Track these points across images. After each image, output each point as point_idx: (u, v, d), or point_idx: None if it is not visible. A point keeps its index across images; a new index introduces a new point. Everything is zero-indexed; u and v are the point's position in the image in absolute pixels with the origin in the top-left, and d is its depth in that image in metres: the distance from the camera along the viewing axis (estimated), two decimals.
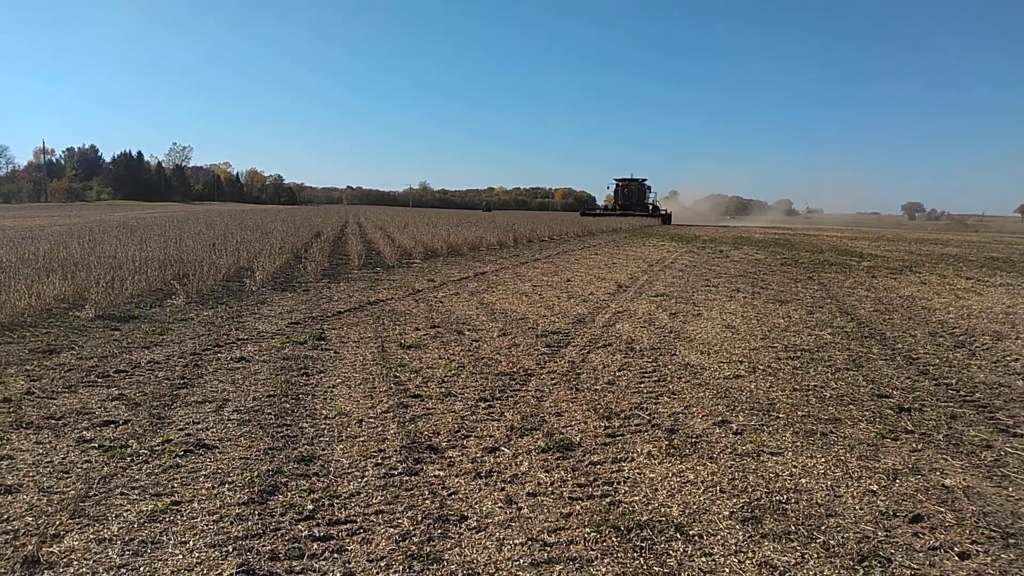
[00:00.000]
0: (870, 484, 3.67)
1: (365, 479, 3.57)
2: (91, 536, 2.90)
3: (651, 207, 59.60)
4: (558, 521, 3.18)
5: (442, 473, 3.69)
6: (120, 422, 4.27)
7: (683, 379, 5.66)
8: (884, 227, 74.50)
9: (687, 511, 3.31)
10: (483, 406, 4.83)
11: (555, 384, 5.42)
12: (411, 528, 3.06)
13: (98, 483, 3.41)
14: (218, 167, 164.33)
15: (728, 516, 3.26)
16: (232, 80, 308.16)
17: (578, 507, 3.32)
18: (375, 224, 33.72)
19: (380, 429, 4.31)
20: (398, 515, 3.18)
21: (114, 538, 2.89)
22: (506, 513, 3.25)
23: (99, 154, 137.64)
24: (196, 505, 3.22)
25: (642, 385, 5.45)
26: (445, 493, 3.44)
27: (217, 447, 3.93)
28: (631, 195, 61.15)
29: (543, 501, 3.39)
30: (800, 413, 4.84)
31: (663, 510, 3.32)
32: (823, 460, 3.98)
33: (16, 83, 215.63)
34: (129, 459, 3.71)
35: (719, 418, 4.68)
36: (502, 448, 4.06)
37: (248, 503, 3.24)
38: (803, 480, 3.70)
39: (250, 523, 3.05)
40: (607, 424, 4.50)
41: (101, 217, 35.65)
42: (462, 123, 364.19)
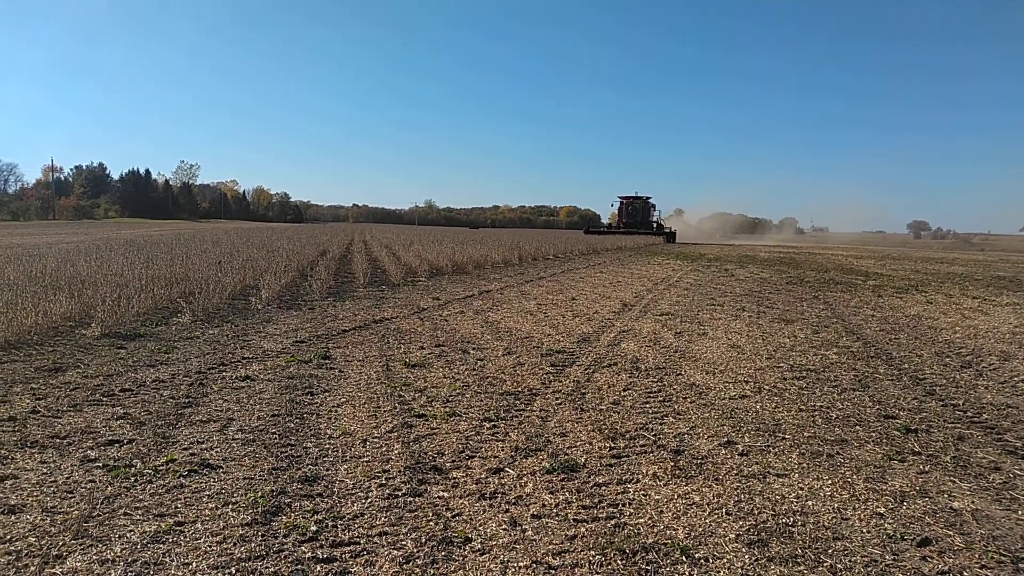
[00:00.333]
0: (877, 507, 3.64)
1: (369, 500, 3.56)
2: (94, 557, 2.89)
3: (655, 225, 59.63)
4: (563, 543, 3.16)
5: (446, 494, 3.67)
6: (124, 441, 4.27)
7: (688, 399, 5.64)
8: (890, 245, 74.39)
9: (693, 534, 3.29)
10: (488, 426, 4.82)
11: (560, 404, 5.41)
12: (415, 550, 3.05)
13: (102, 503, 3.40)
14: (225, 185, 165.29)
15: (734, 539, 3.24)
16: (239, 99, 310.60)
17: (583, 529, 3.31)
18: (380, 242, 33.84)
19: (384, 449, 4.30)
20: (402, 537, 3.17)
21: (117, 559, 2.88)
22: (510, 535, 3.23)
23: (107, 172, 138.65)
24: (200, 526, 3.21)
25: (647, 405, 5.44)
26: (449, 515, 3.43)
27: (221, 467, 3.93)
28: (635, 213, 61.19)
29: (548, 523, 3.37)
30: (806, 434, 4.81)
31: (668, 532, 3.30)
32: (830, 482, 3.96)
33: (25, 101, 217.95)
34: (133, 479, 3.71)
35: (725, 439, 4.66)
36: (507, 469, 4.05)
37: (252, 524, 3.24)
38: (810, 502, 3.68)
39: (253, 544, 3.04)
40: (612, 445, 4.49)
41: (108, 235, 35.86)
42: (468, 141, 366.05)
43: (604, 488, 3.81)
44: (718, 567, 2.99)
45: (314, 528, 3.22)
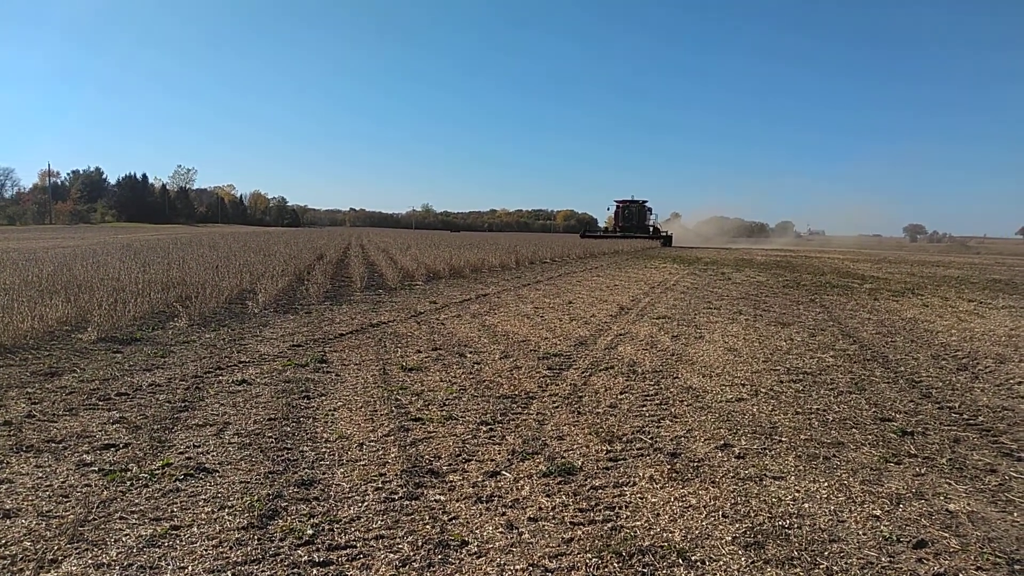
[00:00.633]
0: (873, 509, 3.65)
1: (365, 503, 3.56)
2: (90, 561, 2.88)
3: (652, 229, 59.55)
4: (559, 546, 3.16)
5: (443, 497, 3.67)
6: (120, 445, 4.26)
7: (685, 402, 5.64)
8: (886, 249, 74.52)
9: (689, 536, 3.29)
10: (484, 429, 4.82)
11: (557, 407, 5.41)
12: (411, 553, 3.04)
13: (97, 507, 3.40)
14: (222, 189, 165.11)
15: (731, 541, 3.24)
16: (236, 103, 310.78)
17: (579, 532, 3.30)
18: (378, 246, 33.84)
19: (381, 453, 4.30)
20: (398, 540, 3.17)
21: (113, 563, 2.87)
22: (507, 538, 3.23)
23: (104, 176, 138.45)
24: (196, 530, 3.20)
25: (644, 408, 5.44)
26: (446, 518, 3.43)
27: (217, 471, 3.92)
28: (631, 217, 61.10)
29: (544, 526, 3.37)
30: (803, 437, 4.82)
31: (665, 535, 3.30)
32: (826, 484, 3.96)
33: (22, 106, 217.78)
34: (129, 483, 3.70)
35: (721, 442, 4.66)
36: (503, 472, 4.05)
37: (248, 528, 3.23)
38: (806, 505, 3.68)
39: (250, 548, 3.04)
40: (609, 448, 4.49)
41: (105, 239, 35.81)
42: (465, 146, 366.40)
43: (601, 491, 3.81)
44: (715, 569, 2.99)
45: (310, 532, 3.21)
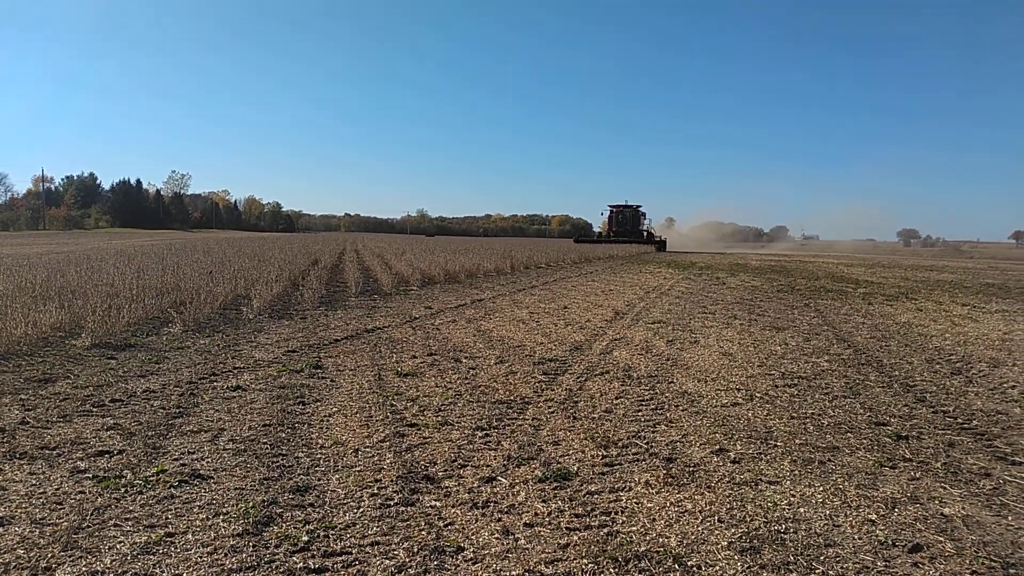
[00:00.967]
0: (869, 513, 3.65)
1: (361, 510, 3.55)
2: (84, 569, 2.87)
3: (646, 234, 59.60)
4: (555, 552, 3.15)
5: (439, 503, 3.66)
6: (115, 452, 4.24)
7: (680, 407, 5.65)
8: (880, 253, 74.78)
9: (685, 541, 3.29)
10: (480, 435, 4.81)
11: (552, 412, 5.40)
12: (407, 560, 3.03)
13: (91, 514, 3.38)
14: (216, 195, 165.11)
15: (727, 546, 3.24)
16: (230, 109, 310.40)
17: (575, 537, 3.30)
18: (372, 251, 33.80)
19: (376, 459, 4.29)
20: (394, 546, 3.16)
21: (107, 571, 2.86)
22: (503, 544, 3.22)
23: (98, 182, 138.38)
24: (190, 536, 3.19)
25: (639, 413, 5.44)
26: (442, 524, 3.42)
27: (212, 477, 3.91)
28: (625, 222, 61.12)
29: (540, 532, 3.37)
30: (798, 441, 4.82)
31: (661, 540, 3.29)
32: (821, 489, 3.97)
33: (16, 111, 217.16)
34: (123, 490, 3.68)
35: (717, 447, 4.66)
36: (499, 478, 4.04)
37: (243, 534, 3.22)
38: (801, 509, 3.68)
39: (244, 555, 3.03)
40: (604, 453, 4.49)
41: (99, 245, 35.71)
42: (460, 151, 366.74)
43: (597, 496, 3.81)
44: (711, 574, 2.98)
45: (306, 538, 3.20)
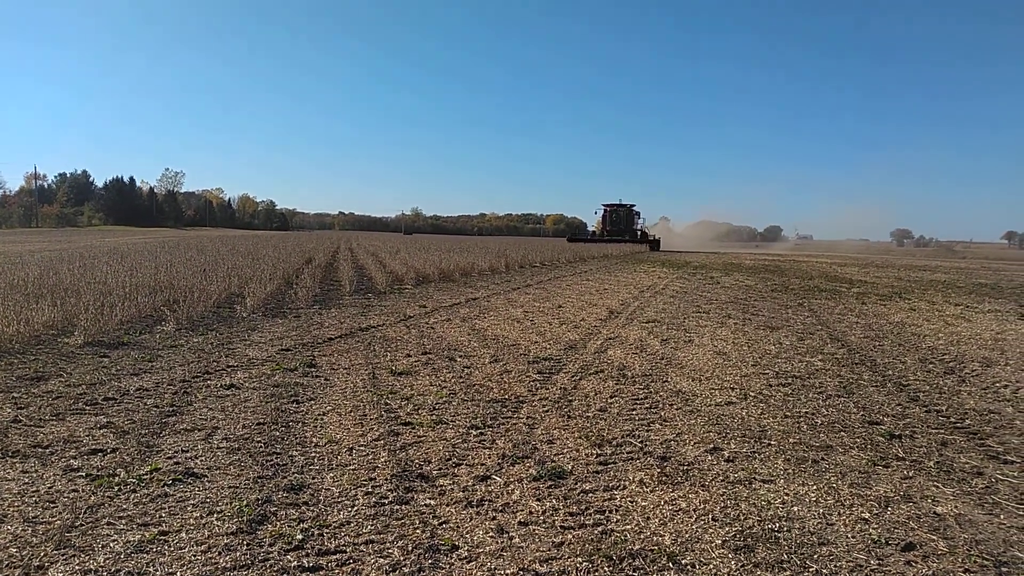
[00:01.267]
0: (862, 512, 3.66)
1: (355, 508, 3.54)
2: (76, 567, 2.86)
3: (640, 233, 59.51)
4: (550, 550, 3.15)
5: (433, 502, 3.66)
6: (108, 450, 4.22)
7: (675, 406, 5.65)
8: (873, 253, 75.02)
9: (679, 540, 3.29)
10: (474, 434, 4.81)
11: (547, 411, 5.41)
12: (401, 558, 3.03)
13: (84, 513, 3.36)
14: (210, 193, 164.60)
15: (720, 545, 3.25)
16: (224, 107, 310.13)
17: (570, 536, 3.30)
18: (367, 250, 33.76)
19: (371, 457, 4.28)
20: (388, 545, 3.15)
21: (100, 569, 2.85)
22: (497, 542, 3.22)
23: (91, 180, 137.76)
24: (184, 535, 3.18)
25: (634, 412, 5.45)
26: (436, 522, 3.42)
27: (206, 476, 3.90)
28: (619, 221, 60.96)
29: (535, 530, 3.37)
30: (791, 440, 4.84)
31: (655, 539, 3.30)
32: (815, 488, 3.98)
33: (8, 109, 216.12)
34: (116, 488, 3.67)
35: (711, 445, 4.67)
36: (493, 476, 4.04)
37: (237, 533, 3.21)
38: (795, 508, 3.69)
39: (238, 553, 3.02)
40: (599, 452, 4.49)
41: (92, 242, 35.55)
42: (455, 150, 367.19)
43: (591, 495, 3.81)
44: (704, 573, 2.99)
45: (300, 537, 3.20)
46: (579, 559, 3.07)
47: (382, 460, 4.23)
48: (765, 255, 51.89)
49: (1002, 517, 3.66)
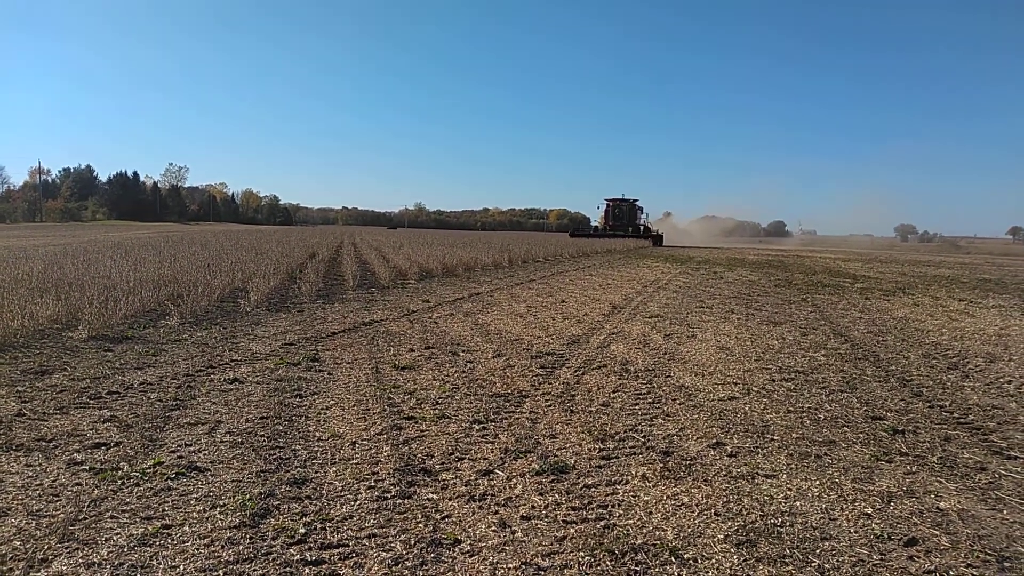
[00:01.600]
0: (865, 507, 3.66)
1: (358, 502, 3.55)
2: (80, 560, 2.87)
3: (642, 228, 59.33)
4: (552, 545, 3.16)
5: (436, 496, 3.67)
6: (112, 444, 4.24)
7: (677, 401, 5.65)
8: (877, 248, 74.85)
9: (682, 534, 3.30)
10: (477, 428, 4.81)
11: (549, 406, 5.41)
12: (404, 552, 3.04)
13: (88, 506, 3.38)
14: (214, 187, 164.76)
15: (723, 540, 3.25)
16: (228, 102, 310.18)
17: (572, 530, 3.31)
18: (370, 245, 33.77)
19: (373, 451, 4.29)
20: (391, 539, 3.16)
21: (104, 562, 2.86)
22: (500, 537, 3.23)
23: (95, 174, 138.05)
24: (187, 529, 3.19)
25: (636, 407, 5.45)
26: (439, 516, 3.42)
27: (209, 470, 3.91)
28: (622, 216, 60.69)
29: (537, 524, 3.37)
30: (794, 435, 4.83)
31: (657, 533, 3.30)
32: (818, 483, 3.98)
33: (12, 104, 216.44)
34: (120, 482, 3.68)
35: (713, 440, 4.67)
36: (496, 471, 4.04)
37: (240, 527, 3.22)
38: (798, 503, 3.69)
39: (241, 547, 3.03)
40: (601, 446, 4.49)
41: (96, 237, 35.62)
42: (458, 145, 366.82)
43: (593, 489, 3.81)
44: (707, 568, 2.99)
45: (303, 530, 3.21)
46: (581, 553, 3.07)
47: (385, 454, 4.24)
48: (768, 250, 51.81)
49: (1005, 512, 3.66)
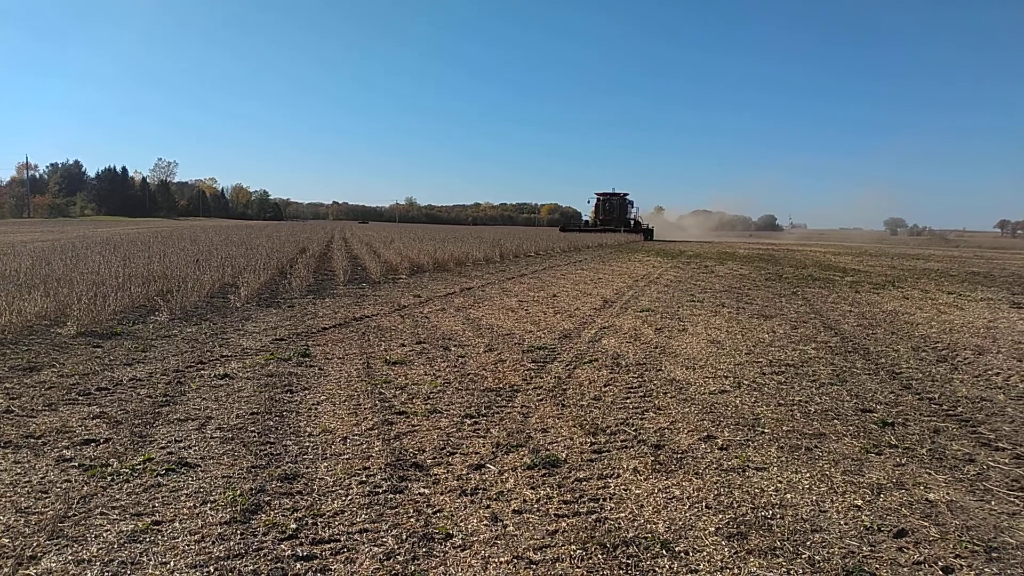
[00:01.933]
0: (855, 499, 3.68)
1: (349, 497, 3.54)
2: (69, 557, 2.85)
3: (633, 222, 59.33)
4: (544, 538, 3.16)
5: (427, 491, 3.66)
6: (101, 440, 4.21)
7: (669, 394, 5.67)
8: (867, 242, 75.20)
9: (673, 527, 3.30)
10: (469, 423, 4.81)
11: (541, 400, 5.41)
12: (396, 547, 3.03)
13: (77, 503, 3.36)
14: (203, 183, 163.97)
15: (714, 532, 3.26)
16: (218, 96, 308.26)
17: (564, 524, 3.31)
18: (361, 239, 33.68)
19: (365, 446, 4.28)
20: (382, 534, 3.16)
21: (93, 559, 2.84)
22: (492, 531, 3.23)
23: (83, 170, 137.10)
24: (177, 525, 3.17)
25: (628, 401, 5.46)
26: (430, 511, 3.42)
27: (199, 465, 3.89)
28: (612, 210, 60.66)
29: (529, 518, 3.37)
30: (785, 428, 4.85)
31: (649, 526, 3.31)
32: (808, 475, 3.99)
33: None
34: (109, 478, 3.66)
35: (704, 433, 4.68)
36: (488, 465, 4.04)
37: (230, 522, 3.21)
38: (788, 495, 3.71)
39: (232, 543, 3.02)
40: (593, 440, 4.50)
41: (84, 233, 35.36)
42: (449, 139, 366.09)
43: (585, 483, 3.82)
44: (698, 560, 3.00)
45: (294, 526, 3.20)
46: (573, 547, 3.08)
47: (376, 449, 4.23)
48: (759, 244, 51.96)
49: (993, 503, 3.69)
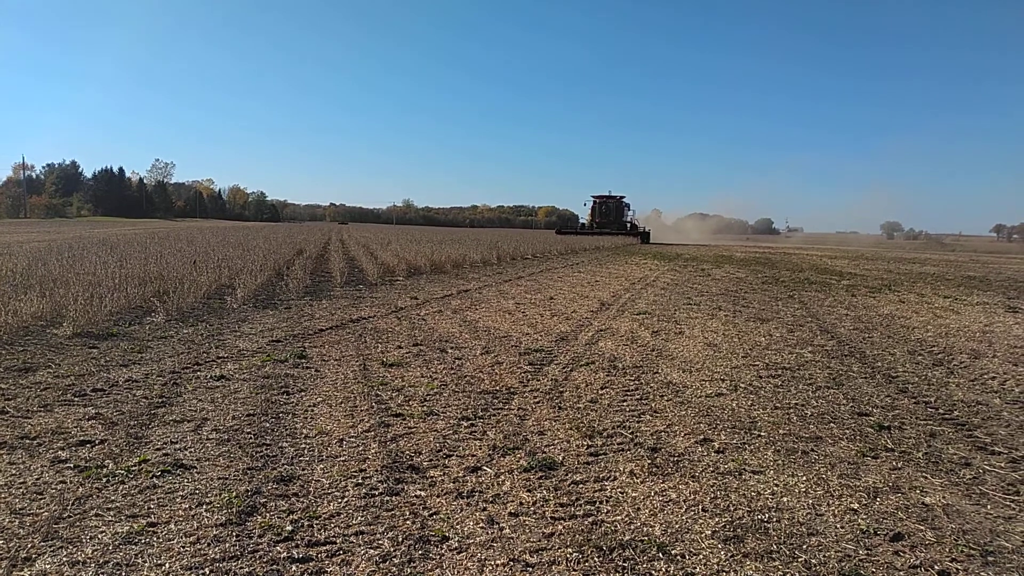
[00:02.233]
0: (851, 502, 3.68)
1: (345, 499, 3.54)
2: (64, 559, 2.84)
3: (629, 225, 59.30)
4: (540, 541, 3.16)
5: (423, 493, 3.66)
6: (96, 442, 4.20)
7: (665, 397, 5.67)
8: (863, 246, 75.34)
9: (669, 530, 3.30)
10: (465, 425, 4.81)
11: (538, 402, 5.41)
12: (392, 549, 3.03)
13: (73, 504, 3.35)
14: (200, 184, 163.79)
15: (710, 535, 3.26)
16: (216, 97, 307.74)
17: (560, 527, 3.31)
18: (358, 241, 33.65)
19: (361, 448, 4.27)
20: (378, 536, 3.15)
21: (88, 561, 2.83)
22: (488, 533, 3.23)
23: (80, 170, 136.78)
24: (173, 526, 3.17)
25: (624, 403, 5.46)
26: (426, 513, 3.42)
27: (195, 467, 3.88)
28: (608, 212, 60.60)
29: (525, 521, 3.37)
30: (781, 431, 4.86)
31: (645, 529, 3.31)
32: (804, 478, 4.00)
33: None
34: (105, 480, 3.65)
35: (701, 436, 4.69)
36: (484, 468, 4.04)
37: (226, 524, 3.20)
38: (785, 499, 3.71)
39: (228, 545, 3.01)
40: (589, 443, 4.50)
41: (81, 233, 35.29)
42: (446, 141, 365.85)
43: (581, 486, 3.82)
44: (694, 563, 3.00)
45: (289, 528, 3.19)
46: (569, 550, 3.08)
47: (372, 451, 4.22)
48: (755, 248, 52.04)
49: (989, 507, 3.69)
